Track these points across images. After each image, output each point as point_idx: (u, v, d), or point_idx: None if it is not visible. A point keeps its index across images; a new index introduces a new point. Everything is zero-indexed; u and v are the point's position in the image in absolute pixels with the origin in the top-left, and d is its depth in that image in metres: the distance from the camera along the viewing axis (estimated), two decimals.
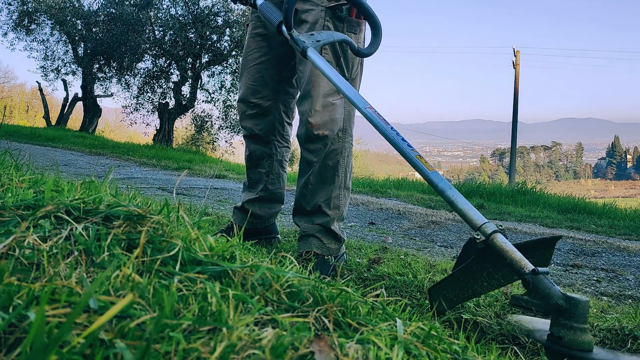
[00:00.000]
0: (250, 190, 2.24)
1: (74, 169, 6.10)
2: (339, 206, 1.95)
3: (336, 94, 1.85)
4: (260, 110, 2.09)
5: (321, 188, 1.93)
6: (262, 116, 2.10)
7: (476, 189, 6.61)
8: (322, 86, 1.82)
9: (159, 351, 0.51)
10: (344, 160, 1.93)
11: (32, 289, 0.58)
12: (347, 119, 1.91)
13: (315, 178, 1.92)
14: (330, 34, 1.70)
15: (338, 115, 1.86)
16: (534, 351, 1.29)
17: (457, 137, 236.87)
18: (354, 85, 1.88)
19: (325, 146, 1.86)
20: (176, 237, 0.79)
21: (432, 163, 1.39)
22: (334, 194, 1.93)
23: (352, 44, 1.73)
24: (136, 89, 14.92)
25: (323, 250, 1.92)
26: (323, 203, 1.93)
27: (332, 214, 1.94)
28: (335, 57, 1.85)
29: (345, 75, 1.87)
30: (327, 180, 1.92)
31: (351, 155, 1.97)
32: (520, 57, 20.74)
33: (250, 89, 2.07)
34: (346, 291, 0.77)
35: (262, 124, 2.11)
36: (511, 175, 20.21)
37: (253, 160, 2.19)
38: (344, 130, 1.90)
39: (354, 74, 1.92)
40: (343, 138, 1.90)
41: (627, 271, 2.66)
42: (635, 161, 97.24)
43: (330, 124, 1.84)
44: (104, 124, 36.66)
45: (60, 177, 1.20)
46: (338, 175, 1.93)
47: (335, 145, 1.89)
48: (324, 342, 0.59)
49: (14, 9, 14.08)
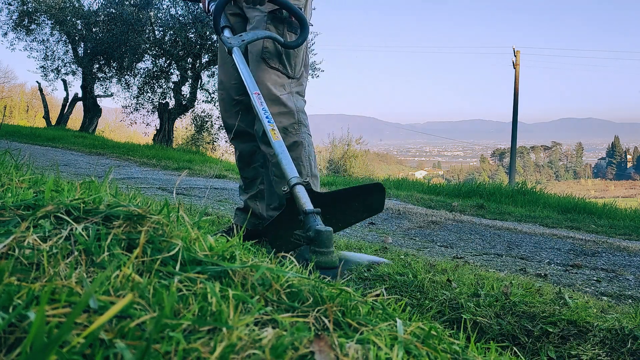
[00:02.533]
0: (248, 189, 2.24)
1: (74, 169, 6.10)
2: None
3: (282, 88, 1.98)
4: (243, 108, 2.14)
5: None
6: (245, 113, 2.14)
7: (476, 189, 6.61)
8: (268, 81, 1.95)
9: (159, 351, 0.51)
10: (306, 151, 2.02)
11: (32, 289, 0.58)
12: (299, 112, 2.01)
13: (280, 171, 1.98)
14: (255, 33, 1.89)
15: (285, 109, 1.97)
16: (534, 351, 1.29)
17: (457, 137, 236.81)
18: (299, 83, 2.05)
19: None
20: (176, 237, 0.79)
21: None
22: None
23: (277, 38, 1.90)
24: (136, 89, 14.92)
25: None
26: None
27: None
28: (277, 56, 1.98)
29: (289, 74, 2.01)
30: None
31: (312, 145, 2.09)
32: (520, 57, 20.73)
33: (233, 88, 2.13)
34: (346, 291, 0.76)
35: (246, 119, 2.15)
36: (511, 175, 20.22)
37: (245, 159, 2.21)
38: (298, 123, 2.00)
39: (297, 73, 2.05)
40: (299, 130, 2.00)
41: (627, 271, 2.66)
42: (635, 161, 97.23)
43: (278, 117, 1.94)
44: (104, 124, 36.63)
45: (60, 177, 1.20)
46: (303, 166, 2.00)
47: (294, 138, 1.98)
48: (324, 342, 0.59)
49: (14, 9, 14.06)
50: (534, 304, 1.63)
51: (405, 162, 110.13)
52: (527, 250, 3.16)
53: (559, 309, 1.61)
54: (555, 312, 1.57)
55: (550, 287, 1.92)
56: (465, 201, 5.77)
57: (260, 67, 1.96)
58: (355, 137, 21.01)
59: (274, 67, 1.97)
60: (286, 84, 2.01)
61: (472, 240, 3.39)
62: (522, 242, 3.43)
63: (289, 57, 2.00)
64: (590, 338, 1.44)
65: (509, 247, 3.23)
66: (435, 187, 7.12)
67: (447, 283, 1.81)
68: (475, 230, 3.82)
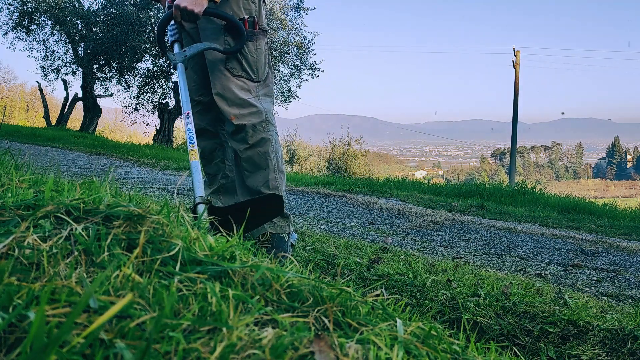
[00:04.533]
0: (210, 185, 2.35)
1: (74, 169, 6.10)
2: (278, 187, 2.19)
3: (248, 93, 2.14)
4: (203, 107, 2.27)
5: (257, 172, 2.17)
6: (205, 112, 2.27)
7: (476, 189, 6.60)
8: (233, 87, 2.11)
9: (159, 351, 0.51)
10: (273, 147, 2.18)
11: (32, 289, 0.58)
12: (267, 112, 2.17)
13: (249, 165, 2.17)
14: (196, 46, 2.04)
15: (254, 109, 2.12)
16: (534, 351, 1.29)
17: (457, 137, 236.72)
18: (265, 85, 2.21)
19: (246, 134, 2.12)
20: (176, 237, 0.79)
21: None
22: (270, 177, 2.18)
23: (217, 47, 2.06)
24: (136, 89, 14.92)
25: (276, 229, 2.19)
26: (262, 186, 2.17)
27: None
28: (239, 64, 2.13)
29: (252, 78, 2.16)
30: (262, 166, 2.17)
31: (279, 143, 2.25)
32: (520, 57, 20.72)
33: (192, 89, 2.25)
34: (346, 291, 0.76)
35: (207, 118, 2.28)
36: (511, 175, 20.21)
37: (206, 156, 2.33)
38: (266, 122, 2.15)
39: (262, 76, 2.20)
40: (267, 128, 2.15)
41: (627, 271, 2.66)
42: (635, 161, 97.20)
43: (248, 116, 2.10)
44: (104, 124, 36.63)
45: (60, 177, 1.20)
46: (271, 160, 2.17)
47: (262, 134, 2.14)
48: (324, 342, 0.59)
49: (14, 9, 14.06)
50: (534, 304, 1.63)
51: (405, 162, 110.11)
52: (527, 250, 3.16)
53: (559, 309, 1.61)
54: (555, 312, 1.57)
55: (550, 287, 1.92)
56: (465, 201, 5.77)
57: (225, 76, 2.11)
58: (355, 137, 21.03)
59: (238, 74, 2.12)
60: (252, 88, 2.16)
61: (472, 240, 3.39)
62: (522, 242, 3.44)
63: (250, 63, 2.15)
64: (590, 338, 1.44)
65: (509, 247, 3.23)
66: (435, 187, 7.12)
67: (447, 283, 1.81)
68: (475, 230, 3.82)
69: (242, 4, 2.14)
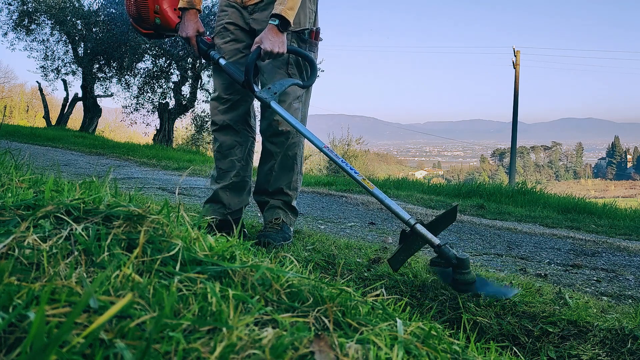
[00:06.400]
0: (220, 180, 2.38)
1: (74, 169, 6.11)
2: (297, 188, 2.44)
3: (297, 101, 2.31)
4: (232, 105, 2.33)
5: (284, 174, 2.37)
6: (232, 110, 2.34)
7: (476, 189, 6.60)
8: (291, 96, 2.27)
9: (159, 351, 0.51)
10: (300, 152, 2.41)
11: (32, 289, 0.58)
12: (303, 120, 2.37)
13: (278, 166, 2.35)
14: (281, 84, 2.17)
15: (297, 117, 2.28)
16: (534, 351, 1.29)
17: (457, 137, 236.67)
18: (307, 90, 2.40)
19: (287, 139, 2.29)
20: (176, 237, 0.79)
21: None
22: (293, 179, 2.40)
23: (299, 82, 2.24)
24: (136, 89, 14.91)
25: (287, 219, 2.40)
26: (284, 186, 2.38)
27: (292, 194, 2.42)
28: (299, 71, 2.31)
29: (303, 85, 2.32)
30: (289, 168, 2.37)
31: (303, 147, 2.46)
32: (520, 57, 20.72)
33: (223, 86, 2.32)
34: (346, 291, 0.76)
35: (233, 116, 2.34)
36: (511, 175, 20.22)
37: (224, 151, 2.37)
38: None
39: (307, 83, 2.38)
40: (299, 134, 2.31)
41: (627, 271, 2.66)
42: (635, 161, 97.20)
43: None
44: (104, 124, 36.59)
45: (60, 177, 1.20)
46: (297, 164, 2.39)
47: (295, 139, 2.32)
48: (324, 342, 0.59)
49: (14, 9, 14.05)
50: (534, 304, 1.63)
51: (405, 162, 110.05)
52: (527, 250, 3.16)
53: (559, 309, 1.61)
54: (555, 312, 1.57)
55: (550, 287, 1.92)
56: (465, 201, 5.77)
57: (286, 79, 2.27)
58: (355, 137, 21.03)
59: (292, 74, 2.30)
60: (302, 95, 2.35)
61: (472, 240, 3.39)
62: (522, 242, 3.44)
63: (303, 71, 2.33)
64: (590, 338, 1.44)
65: (509, 247, 3.23)
66: (435, 187, 7.12)
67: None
68: (475, 230, 3.82)
69: (307, 12, 2.31)
